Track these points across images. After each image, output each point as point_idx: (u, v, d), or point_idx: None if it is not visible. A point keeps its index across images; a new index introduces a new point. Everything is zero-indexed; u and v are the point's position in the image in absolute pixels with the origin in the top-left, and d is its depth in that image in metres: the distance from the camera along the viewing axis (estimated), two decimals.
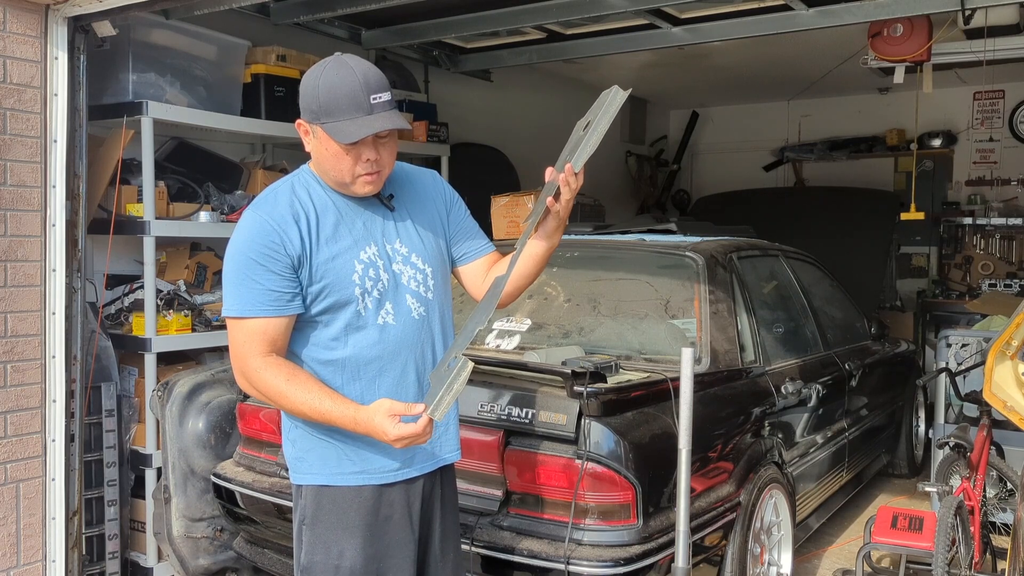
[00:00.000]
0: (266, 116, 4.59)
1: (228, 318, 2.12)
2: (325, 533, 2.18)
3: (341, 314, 2.14)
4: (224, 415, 3.80)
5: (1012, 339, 3.07)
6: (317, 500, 2.19)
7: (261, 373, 2.09)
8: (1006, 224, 8.12)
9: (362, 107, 2.04)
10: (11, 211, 3.42)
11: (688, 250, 3.93)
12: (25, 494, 3.51)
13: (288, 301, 2.09)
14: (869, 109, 8.85)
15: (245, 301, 2.08)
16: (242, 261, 2.09)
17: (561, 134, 2.39)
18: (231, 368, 2.23)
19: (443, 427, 2.30)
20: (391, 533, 2.21)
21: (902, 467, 5.78)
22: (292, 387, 2.07)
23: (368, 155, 2.09)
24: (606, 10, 4.85)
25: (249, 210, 2.15)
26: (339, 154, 2.09)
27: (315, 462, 2.19)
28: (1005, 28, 5.38)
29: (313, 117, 2.09)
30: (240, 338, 2.11)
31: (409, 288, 2.22)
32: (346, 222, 2.17)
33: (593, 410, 2.80)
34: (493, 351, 3.63)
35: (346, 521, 2.17)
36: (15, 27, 3.40)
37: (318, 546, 2.19)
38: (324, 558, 2.18)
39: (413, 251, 2.25)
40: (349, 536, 2.17)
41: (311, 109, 2.09)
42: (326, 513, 2.18)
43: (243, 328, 2.09)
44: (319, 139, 2.11)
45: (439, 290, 2.30)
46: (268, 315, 2.07)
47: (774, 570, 3.71)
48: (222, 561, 3.80)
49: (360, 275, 2.14)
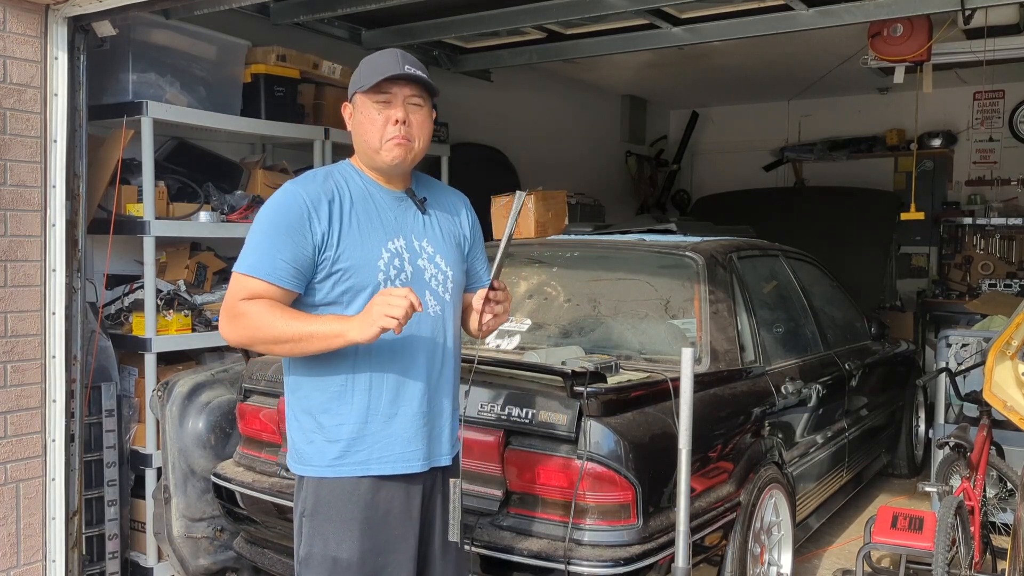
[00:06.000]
0: (266, 116, 4.59)
1: (237, 273, 2.18)
2: (323, 525, 2.21)
3: (360, 297, 2.19)
4: (224, 415, 3.80)
5: (1012, 339, 3.07)
6: (317, 492, 2.23)
7: (247, 306, 2.14)
8: (1006, 224, 8.12)
9: (395, 69, 2.20)
10: (11, 211, 3.42)
11: (688, 250, 3.93)
12: (25, 494, 3.51)
13: (292, 276, 2.15)
14: (869, 109, 8.86)
15: (256, 262, 2.15)
16: (267, 226, 2.18)
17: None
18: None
19: (440, 427, 2.32)
20: (390, 528, 2.23)
21: (902, 467, 5.78)
22: (275, 310, 2.13)
23: (397, 115, 2.20)
24: (606, 10, 4.84)
25: (287, 183, 2.26)
26: (372, 117, 2.21)
27: (315, 454, 2.23)
28: (1005, 28, 5.38)
29: (353, 88, 2.26)
30: (235, 288, 2.18)
31: (430, 285, 2.29)
32: (379, 211, 2.26)
33: (593, 410, 2.80)
34: (493, 351, 3.63)
35: (344, 513, 2.20)
36: (15, 27, 3.40)
37: (316, 538, 2.22)
38: (322, 549, 2.21)
39: (438, 252, 2.33)
40: (347, 528, 2.20)
41: (353, 83, 2.27)
42: (325, 505, 2.21)
43: (244, 284, 2.16)
44: (356, 107, 2.26)
45: (454, 296, 2.37)
46: (270, 281, 2.13)
47: (774, 570, 3.72)
48: (222, 561, 3.80)
49: (386, 262, 2.22)
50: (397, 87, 2.21)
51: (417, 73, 2.22)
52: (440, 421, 2.32)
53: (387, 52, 2.26)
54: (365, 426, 2.20)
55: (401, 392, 2.23)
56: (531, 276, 4.12)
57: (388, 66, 2.20)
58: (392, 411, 2.22)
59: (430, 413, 2.27)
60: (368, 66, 2.25)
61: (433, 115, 2.33)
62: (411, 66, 2.22)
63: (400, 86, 2.22)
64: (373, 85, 2.19)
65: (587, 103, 8.60)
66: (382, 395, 2.21)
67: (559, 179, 7.08)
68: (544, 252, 4.28)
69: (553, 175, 7.43)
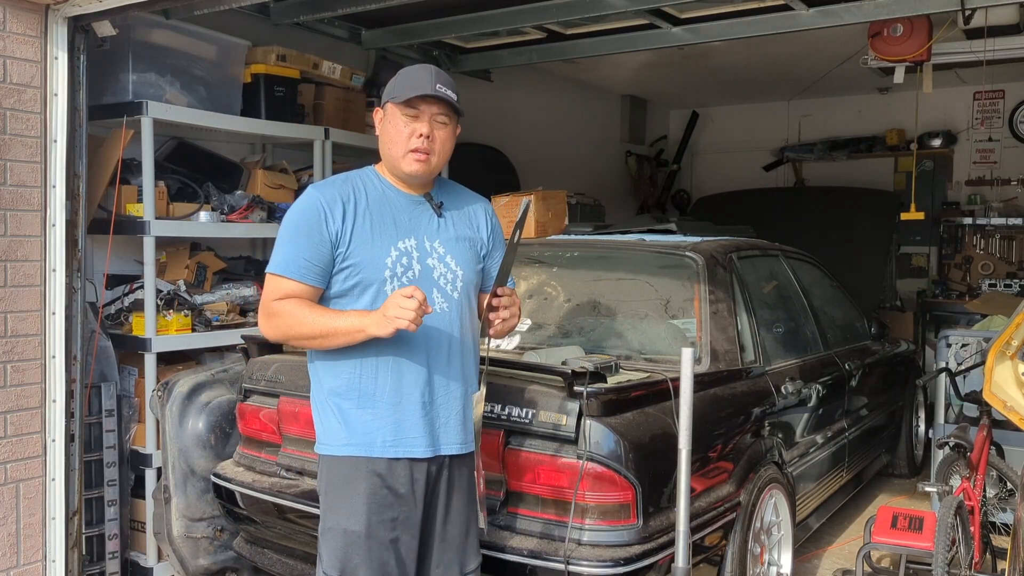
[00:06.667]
0: (266, 116, 4.59)
1: (268, 273, 2.41)
2: (335, 500, 2.43)
3: (368, 292, 2.39)
4: (224, 415, 3.80)
5: (1012, 339, 3.07)
6: (329, 470, 2.45)
7: (280, 305, 2.37)
8: (1006, 224, 8.12)
9: (426, 88, 2.38)
10: (11, 211, 3.42)
11: (688, 250, 3.93)
12: (25, 494, 3.51)
13: (315, 273, 2.37)
14: (869, 109, 8.86)
15: (282, 261, 2.38)
16: (290, 227, 2.40)
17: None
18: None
19: (444, 417, 2.47)
20: (397, 506, 2.40)
21: (902, 467, 5.78)
22: (304, 309, 2.35)
23: (422, 130, 2.39)
24: (606, 10, 4.84)
25: (310, 187, 2.48)
26: (398, 128, 2.41)
27: (330, 436, 2.44)
28: (1005, 28, 5.37)
29: (387, 97, 2.45)
30: (269, 288, 2.41)
31: (438, 283, 2.46)
32: (393, 212, 2.45)
33: (593, 410, 2.80)
34: (493, 351, 3.62)
35: (351, 489, 2.40)
36: (15, 27, 3.40)
37: (330, 512, 2.44)
38: (334, 523, 2.42)
39: (449, 252, 2.50)
40: (355, 503, 2.39)
41: (388, 92, 2.45)
42: (337, 481, 2.43)
43: (277, 283, 2.39)
44: (387, 115, 2.45)
45: (465, 294, 2.52)
46: (296, 279, 2.36)
47: (774, 570, 3.72)
48: (222, 561, 3.80)
49: (393, 260, 2.40)
50: (426, 104, 2.39)
51: (447, 94, 2.39)
52: (446, 411, 2.46)
53: (423, 68, 2.44)
54: (372, 411, 2.39)
55: (404, 380, 2.40)
56: (531, 276, 4.12)
57: (422, 83, 2.38)
58: (396, 398, 2.40)
59: (433, 403, 2.43)
60: (404, 79, 2.43)
61: (457, 131, 2.51)
62: (443, 85, 2.40)
63: (429, 104, 2.40)
64: (404, 100, 2.37)
65: (587, 103, 8.59)
66: (387, 383, 2.39)
67: (559, 179, 7.08)
68: (544, 252, 4.28)
69: (553, 175, 7.43)
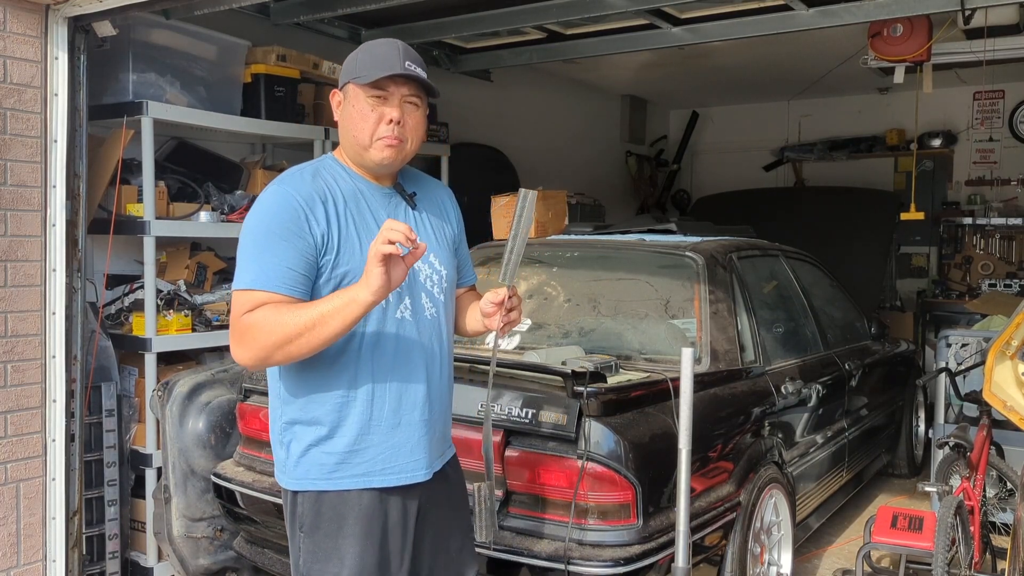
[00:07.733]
0: (266, 116, 4.59)
1: (237, 290, 2.01)
2: (325, 541, 2.12)
3: None
4: (224, 415, 3.80)
5: (1012, 339, 3.07)
6: (316, 507, 2.12)
7: (251, 316, 1.97)
8: (1006, 224, 8.12)
9: (394, 67, 2.07)
10: (11, 211, 3.42)
11: (688, 250, 3.93)
12: (25, 494, 3.51)
13: (299, 283, 2.01)
14: (869, 109, 8.86)
15: (259, 274, 1.98)
16: (263, 234, 2.01)
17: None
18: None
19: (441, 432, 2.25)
20: (391, 542, 2.15)
21: (902, 467, 5.78)
22: (280, 310, 1.96)
23: (392, 115, 2.09)
24: (606, 10, 4.84)
25: (273, 184, 2.09)
26: (365, 112, 2.09)
27: (312, 467, 2.12)
28: (1005, 28, 5.37)
29: (347, 77, 2.13)
30: (237, 307, 2.00)
31: (425, 287, 2.20)
32: (372, 211, 2.14)
33: (593, 410, 2.80)
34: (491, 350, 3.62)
35: (346, 529, 2.11)
36: (15, 27, 3.40)
37: (319, 554, 2.13)
38: (324, 567, 2.12)
39: (431, 251, 2.22)
40: (350, 544, 2.11)
41: (347, 71, 2.14)
42: (326, 520, 2.12)
43: (249, 298, 1.99)
44: (348, 98, 2.13)
45: (448, 295, 2.28)
46: (278, 291, 1.98)
47: (774, 570, 3.71)
48: (222, 561, 3.80)
49: None
50: (395, 85, 2.09)
51: (418, 73, 2.10)
52: (443, 424, 2.27)
53: (387, 43, 2.12)
54: (368, 437, 2.10)
55: (404, 401, 2.14)
56: (531, 276, 4.12)
57: (389, 61, 2.07)
58: (395, 420, 2.13)
59: (431, 420, 2.20)
60: (367, 55, 2.11)
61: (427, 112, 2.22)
62: (412, 62, 2.09)
63: (398, 84, 2.09)
64: (371, 82, 2.07)
65: (587, 103, 8.59)
66: (384, 405, 2.12)
67: (559, 179, 7.09)
68: (544, 252, 4.28)
69: (553, 175, 7.44)
